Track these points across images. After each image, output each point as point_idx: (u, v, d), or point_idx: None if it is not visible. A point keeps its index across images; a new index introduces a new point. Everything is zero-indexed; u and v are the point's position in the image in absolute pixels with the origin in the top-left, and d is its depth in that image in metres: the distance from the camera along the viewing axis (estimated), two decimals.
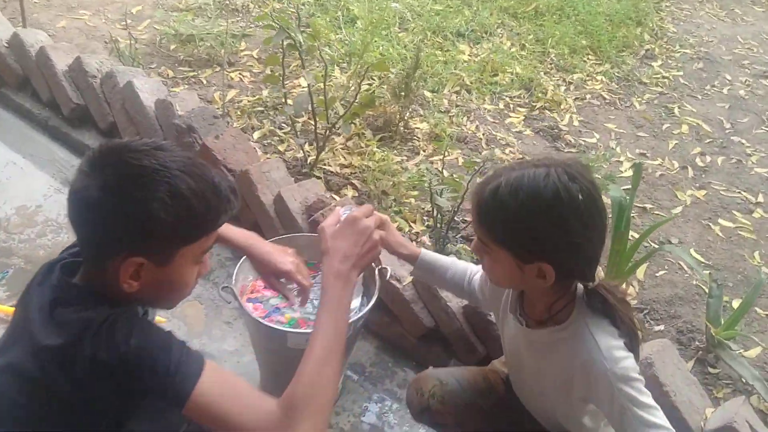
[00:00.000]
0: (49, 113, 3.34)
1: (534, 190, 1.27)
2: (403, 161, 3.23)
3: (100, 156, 1.22)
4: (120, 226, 1.20)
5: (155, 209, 1.18)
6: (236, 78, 3.76)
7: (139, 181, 1.18)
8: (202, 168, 1.25)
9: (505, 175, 1.31)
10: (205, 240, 1.30)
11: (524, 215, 1.29)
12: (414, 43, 4.18)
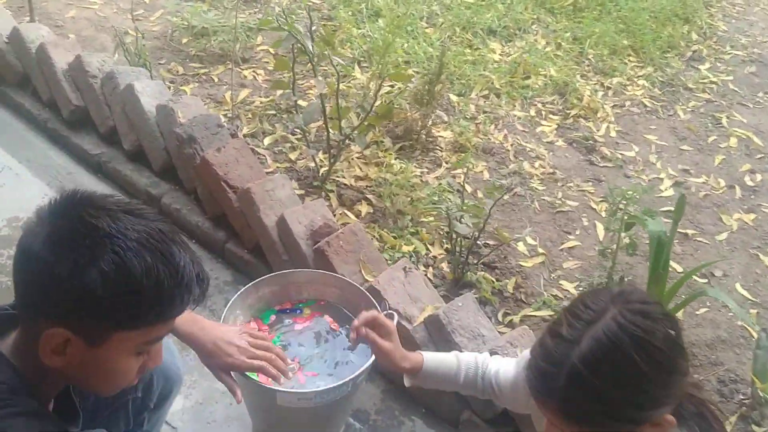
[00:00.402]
0: (49, 114, 3.15)
1: (612, 355, 1.05)
2: (424, 174, 2.98)
3: (58, 204, 1.07)
4: (50, 290, 1.03)
5: (91, 280, 1.00)
6: (249, 76, 3.54)
7: (84, 242, 1.02)
8: (168, 246, 1.07)
9: (571, 357, 1.06)
10: (151, 330, 1.09)
11: (598, 387, 1.06)
12: (441, 40, 3.92)
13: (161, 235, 1.07)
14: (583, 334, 1.07)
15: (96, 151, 2.96)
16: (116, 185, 2.91)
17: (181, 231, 2.38)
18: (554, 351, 1.09)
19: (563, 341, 1.08)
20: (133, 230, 1.04)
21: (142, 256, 1.02)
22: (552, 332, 1.11)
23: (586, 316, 1.09)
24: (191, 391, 2.18)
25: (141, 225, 1.06)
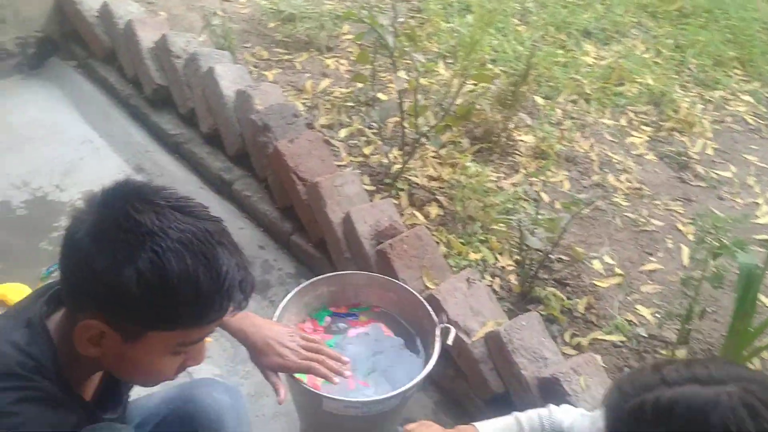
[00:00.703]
0: (132, 91, 3.21)
1: (694, 423, 0.95)
2: (500, 179, 2.86)
3: (107, 193, 1.05)
4: (88, 281, 1.01)
5: (127, 278, 0.97)
6: (332, 66, 3.49)
7: (125, 238, 0.98)
8: (212, 248, 1.02)
9: (652, 393, 0.98)
10: (188, 332, 1.05)
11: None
12: (532, 39, 3.76)
13: (207, 235, 1.02)
14: (683, 384, 0.98)
15: (174, 131, 2.99)
16: (190, 167, 2.93)
17: (251, 218, 2.32)
18: (645, 377, 1.02)
19: (658, 375, 1.00)
20: (176, 229, 1.00)
21: (182, 257, 0.98)
22: (653, 366, 1.03)
23: (700, 372, 0.99)
24: (243, 382, 2.16)
25: (187, 224, 1.01)
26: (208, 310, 1.04)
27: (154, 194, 1.05)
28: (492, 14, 3.52)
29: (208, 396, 1.50)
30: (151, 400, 1.51)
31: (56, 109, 3.27)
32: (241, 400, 1.57)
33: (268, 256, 2.57)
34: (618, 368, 2.16)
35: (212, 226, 1.05)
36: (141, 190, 1.05)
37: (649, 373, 1.03)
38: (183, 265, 0.98)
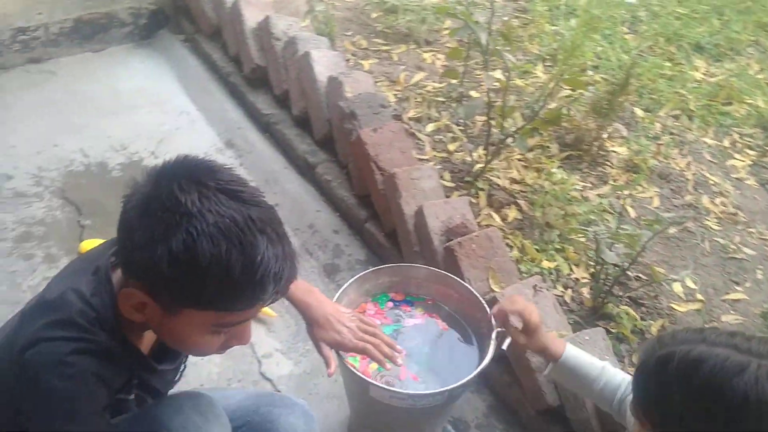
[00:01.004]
0: (233, 69, 3.31)
1: (714, 385, 0.96)
2: (586, 189, 2.78)
3: (163, 168, 1.07)
4: (129, 251, 1.05)
5: (159, 257, 1.00)
6: (429, 60, 3.48)
7: (163, 216, 1.01)
8: (252, 236, 1.01)
9: (687, 345, 1.01)
10: (222, 315, 1.07)
11: (688, 408, 1.00)
12: (639, 49, 3.63)
13: (248, 222, 1.01)
14: (719, 346, 0.99)
15: (267, 111, 3.07)
16: (278, 147, 3.01)
17: (329, 202, 2.33)
18: (686, 333, 1.04)
19: (700, 335, 1.02)
20: (216, 213, 1.00)
21: (216, 242, 0.99)
22: (700, 328, 1.09)
23: (740, 342, 0.98)
24: (302, 359, 2.20)
25: (230, 209, 1.01)
26: (239, 297, 1.05)
27: (208, 175, 1.05)
28: (595, 19, 3.41)
29: (286, 420, 1.52)
30: (230, 403, 1.54)
31: (161, 80, 3.43)
32: (314, 424, 1.60)
33: (340, 241, 2.60)
34: None
35: (258, 212, 1.04)
36: (196, 168, 1.06)
37: (691, 332, 1.05)
38: (215, 250, 0.99)
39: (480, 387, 2.16)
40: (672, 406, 1.01)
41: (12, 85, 3.33)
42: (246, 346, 2.19)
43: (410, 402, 1.62)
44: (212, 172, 1.06)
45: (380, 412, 1.75)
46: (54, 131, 3.03)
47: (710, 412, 0.97)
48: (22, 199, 2.70)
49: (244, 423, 1.51)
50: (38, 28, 3.48)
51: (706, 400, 0.97)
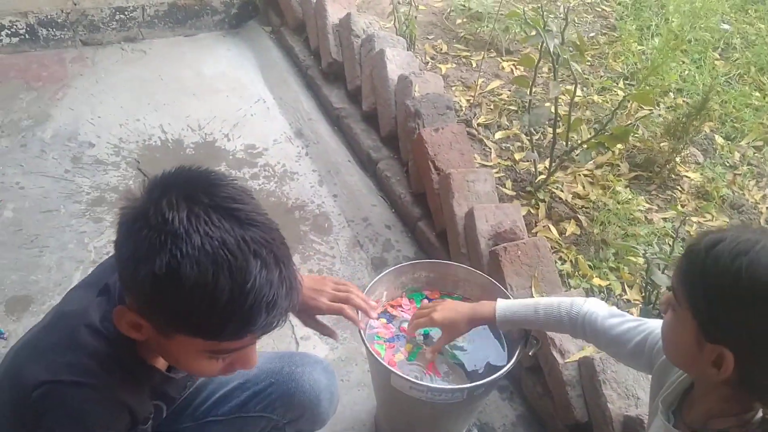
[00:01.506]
0: (312, 62, 3.40)
1: (761, 265, 0.96)
2: (651, 211, 2.71)
3: (157, 180, 0.98)
4: (119, 267, 1.00)
5: (142, 276, 0.93)
6: (507, 68, 3.47)
7: (149, 235, 0.92)
8: (244, 260, 0.92)
9: (738, 233, 1.02)
10: (213, 344, 1.00)
11: (731, 287, 0.99)
12: (728, 76, 3.50)
13: (241, 245, 0.93)
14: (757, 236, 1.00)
15: (338, 105, 3.14)
16: (345, 140, 3.07)
17: (386, 197, 2.41)
18: (717, 231, 1.05)
19: (727, 230, 1.04)
20: (205, 234, 0.91)
21: (202, 266, 0.91)
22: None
23: None
24: (338, 346, 2.23)
25: (221, 230, 0.93)
26: (227, 326, 0.96)
27: (204, 189, 0.96)
28: (681, 41, 3.32)
29: (309, 377, 1.55)
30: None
31: (243, 68, 3.56)
32: (335, 380, 1.63)
33: (391, 236, 2.63)
34: None
35: (254, 233, 0.95)
36: (192, 182, 0.98)
37: (737, 227, 1.07)
38: (200, 274, 0.90)
39: (512, 395, 2.14)
40: (717, 285, 1.01)
41: (106, 61, 3.54)
42: (287, 327, 2.26)
43: (429, 395, 1.62)
44: (209, 187, 0.97)
45: (402, 404, 1.76)
46: (138, 106, 3.20)
47: (759, 292, 0.97)
48: (100, 167, 2.86)
49: (269, 384, 1.54)
50: (136, 9, 3.69)
51: (756, 280, 0.97)
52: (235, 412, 1.53)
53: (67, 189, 2.73)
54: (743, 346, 1.01)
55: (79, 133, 3.04)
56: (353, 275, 2.48)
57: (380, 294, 1.85)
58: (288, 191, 2.83)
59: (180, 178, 0.98)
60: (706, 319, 1.04)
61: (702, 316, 1.04)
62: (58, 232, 2.52)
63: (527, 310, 1.56)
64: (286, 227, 2.64)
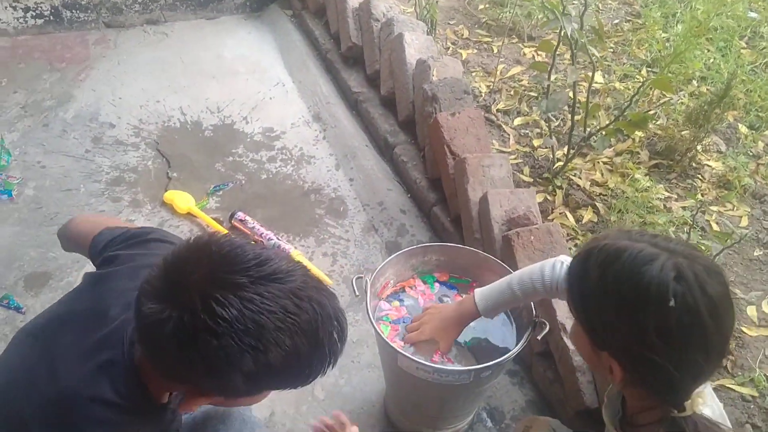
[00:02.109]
0: (331, 46, 3.40)
1: (625, 271, 1.01)
2: (671, 200, 2.67)
3: (186, 281, 0.96)
4: (187, 379, 1.06)
5: (233, 381, 0.99)
6: (528, 54, 3.45)
7: (218, 345, 0.94)
8: (308, 315, 1.00)
9: (614, 240, 1.06)
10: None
11: (600, 294, 1.05)
12: (756, 64, 3.44)
13: (297, 302, 0.99)
14: (641, 242, 1.03)
15: (357, 89, 3.13)
16: (362, 124, 3.07)
17: (402, 182, 2.48)
18: (616, 232, 1.09)
19: (626, 233, 1.07)
20: (269, 312, 0.96)
21: (282, 344, 0.98)
22: (630, 229, 1.13)
23: (661, 241, 1.04)
24: (350, 328, 2.22)
25: (276, 299, 0.97)
26: (307, 380, 1.11)
27: (233, 268, 0.97)
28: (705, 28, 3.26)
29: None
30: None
31: (263, 51, 3.57)
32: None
33: (406, 221, 2.63)
34: (740, 423, 1.96)
35: (298, 281, 1.01)
36: (217, 270, 0.96)
37: (620, 230, 1.14)
38: (284, 353, 0.98)
39: (522, 381, 2.14)
40: (591, 296, 1.06)
41: (128, 43, 3.58)
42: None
43: (435, 376, 1.62)
44: (236, 261, 0.98)
45: (410, 385, 1.76)
46: (159, 88, 3.23)
47: (622, 301, 1.01)
48: (120, 147, 2.89)
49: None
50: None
51: (619, 289, 1.01)
52: None
53: (87, 169, 2.77)
54: (618, 351, 1.06)
55: (100, 113, 3.07)
56: (367, 259, 2.49)
57: (390, 275, 1.86)
58: (304, 174, 2.84)
59: (203, 272, 0.96)
60: (589, 329, 1.09)
61: (584, 324, 1.10)
62: (77, 211, 2.56)
63: (503, 293, 1.56)
64: (302, 210, 2.67)
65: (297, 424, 1.95)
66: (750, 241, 2.57)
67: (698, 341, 0.99)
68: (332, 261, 2.48)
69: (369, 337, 2.20)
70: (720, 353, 1.02)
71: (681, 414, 1.03)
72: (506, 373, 2.13)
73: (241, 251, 0.99)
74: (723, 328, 1.00)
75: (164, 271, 0.97)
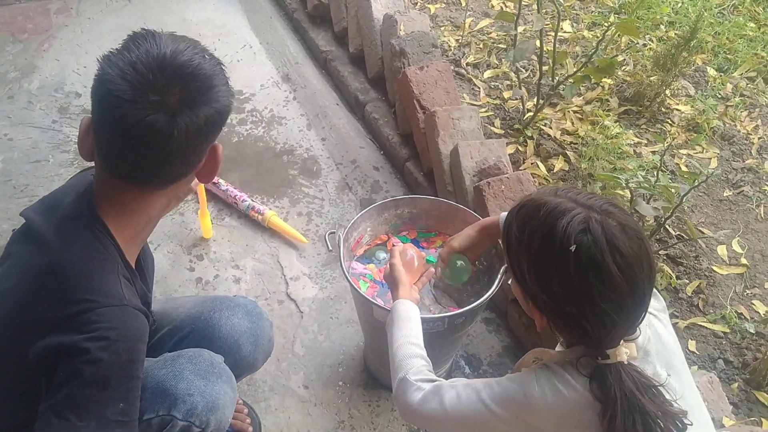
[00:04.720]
0: (297, 5, 3.36)
1: (540, 224, 1.07)
2: (641, 145, 2.70)
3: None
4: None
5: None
6: (497, 6, 3.43)
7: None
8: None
9: (540, 195, 1.13)
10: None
11: (519, 246, 1.12)
12: (723, 7, 3.45)
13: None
14: (563, 198, 1.08)
15: (325, 48, 3.10)
16: (332, 83, 3.05)
17: (374, 139, 2.39)
18: (545, 189, 1.15)
19: (554, 189, 1.13)
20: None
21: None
22: (559, 187, 1.15)
23: (582, 197, 1.08)
24: (327, 285, 2.26)
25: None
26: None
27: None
28: None
29: (227, 322, 1.55)
30: (179, 313, 1.58)
31: (228, 13, 3.51)
32: (261, 322, 1.61)
33: (379, 178, 2.63)
34: (712, 359, 2.01)
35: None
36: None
37: (551, 187, 1.18)
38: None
39: (498, 328, 2.17)
40: (514, 247, 1.12)
41: (91, 11, 3.50)
42: (277, 267, 2.29)
43: None
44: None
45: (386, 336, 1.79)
46: None
47: (533, 251, 1.08)
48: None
49: (190, 331, 1.54)
50: None
51: (532, 240, 1.08)
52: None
53: (55, 139, 2.73)
54: (534, 298, 1.12)
55: (65, 83, 3.03)
56: (342, 217, 2.49)
57: (364, 230, 1.87)
58: (276, 136, 2.83)
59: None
60: (519, 277, 1.14)
61: (513, 277, 1.17)
62: (47, 182, 2.53)
63: None
64: (275, 171, 2.67)
65: (278, 380, 1.97)
66: (720, 182, 2.61)
67: (607, 293, 1.02)
68: (307, 220, 2.49)
69: (346, 293, 2.22)
70: (637, 305, 1.06)
71: (605, 362, 1.06)
72: (482, 321, 2.17)
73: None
74: (636, 285, 1.03)
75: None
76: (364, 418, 1.90)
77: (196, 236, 2.38)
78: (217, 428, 1.37)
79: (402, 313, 1.48)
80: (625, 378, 1.04)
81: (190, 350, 1.42)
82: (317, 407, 1.91)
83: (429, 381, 1.29)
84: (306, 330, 2.12)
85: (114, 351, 1.06)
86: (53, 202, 1.20)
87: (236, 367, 1.53)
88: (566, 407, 1.08)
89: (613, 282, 1.01)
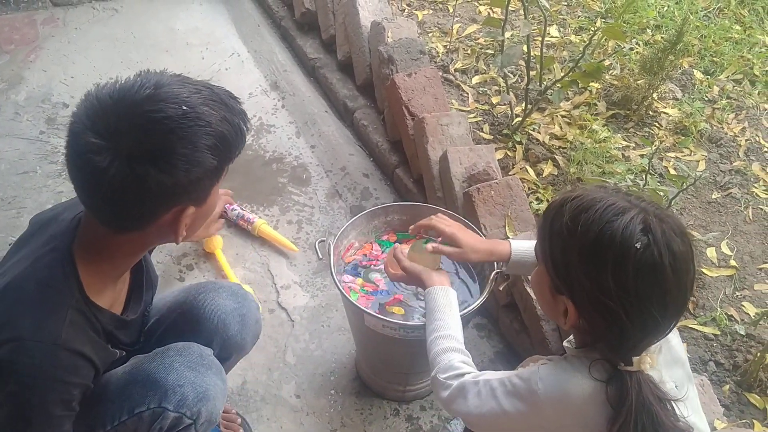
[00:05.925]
0: (285, 13, 3.36)
1: (595, 220, 1.04)
2: (629, 149, 2.71)
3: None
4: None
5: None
6: (484, 12, 3.44)
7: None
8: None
9: (588, 193, 1.10)
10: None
11: (567, 235, 1.08)
12: (709, 10, 3.47)
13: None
14: (617, 196, 1.07)
15: (313, 55, 3.10)
16: (321, 91, 3.05)
17: (363, 146, 2.39)
18: (594, 187, 1.13)
19: (583, 189, 1.11)
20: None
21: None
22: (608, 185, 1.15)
23: (635, 199, 1.07)
24: (318, 294, 2.25)
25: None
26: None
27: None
28: None
29: (212, 302, 1.56)
30: (166, 302, 1.58)
31: (216, 22, 3.51)
32: (247, 303, 1.62)
33: (369, 185, 2.63)
34: (702, 361, 2.02)
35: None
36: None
37: (598, 186, 1.17)
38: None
39: (490, 333, 2.17)
40: (559, 235, 1.09)
41: (78, 21, 3.50)
42: (267, 276, 2.28)
43: (402, 333, 1.65)
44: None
45: (378, 343, 1.79)
46: (111, 65, 3.17)
47: (586, 242, 1.04)
48: None
49: (177, 315, 1.55)
50: None
51: (587, 232, 1.04)
52: (155, 348, 1.53)
53: (43, 150, 2.72)
54: (576, 295, 1.09)
55: (52, 94, 3.01)
56: (332, 224, 2.49)
57: (353, 238, 1.87)
58: (265, 144, 2.82)
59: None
60: (553, 273, 1.12)
61: (548, 266, 1.13)
62: (35, 193, 2.52)
63: (529, 252, 1.54)
64: (265, 180, 2.66)
65: (269, 390, 1.96)
66: (708, 184, 2.62)
67: (658, 295, 1.01)
68: (298, 228, 2.48)
69: (338, 301, 2.22)
70: (677, 311, 1.05)
71: (627, 368, 1.06)
72: (474, 327, 2.17)
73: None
74: (683, 287, 1.03)
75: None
76: (356, 426, 1.89)
77: (186, 246, 2.38)
78: (207, 420, 1.38)
79: (429, 303, 1.50)
80: (644, 388, 1.04)
81: (179, 344, 1.42)
82: (309, 416, 1.90)
83: (457, 377, 1.31)
84: (297, 339, 2.11)
85: (29, 386, 1.08)
86: (53, 214, 1.24)
87: (225, 349, 1.55)
88: (572, 407, 1.09)
89: (666, 284, 1.01)
